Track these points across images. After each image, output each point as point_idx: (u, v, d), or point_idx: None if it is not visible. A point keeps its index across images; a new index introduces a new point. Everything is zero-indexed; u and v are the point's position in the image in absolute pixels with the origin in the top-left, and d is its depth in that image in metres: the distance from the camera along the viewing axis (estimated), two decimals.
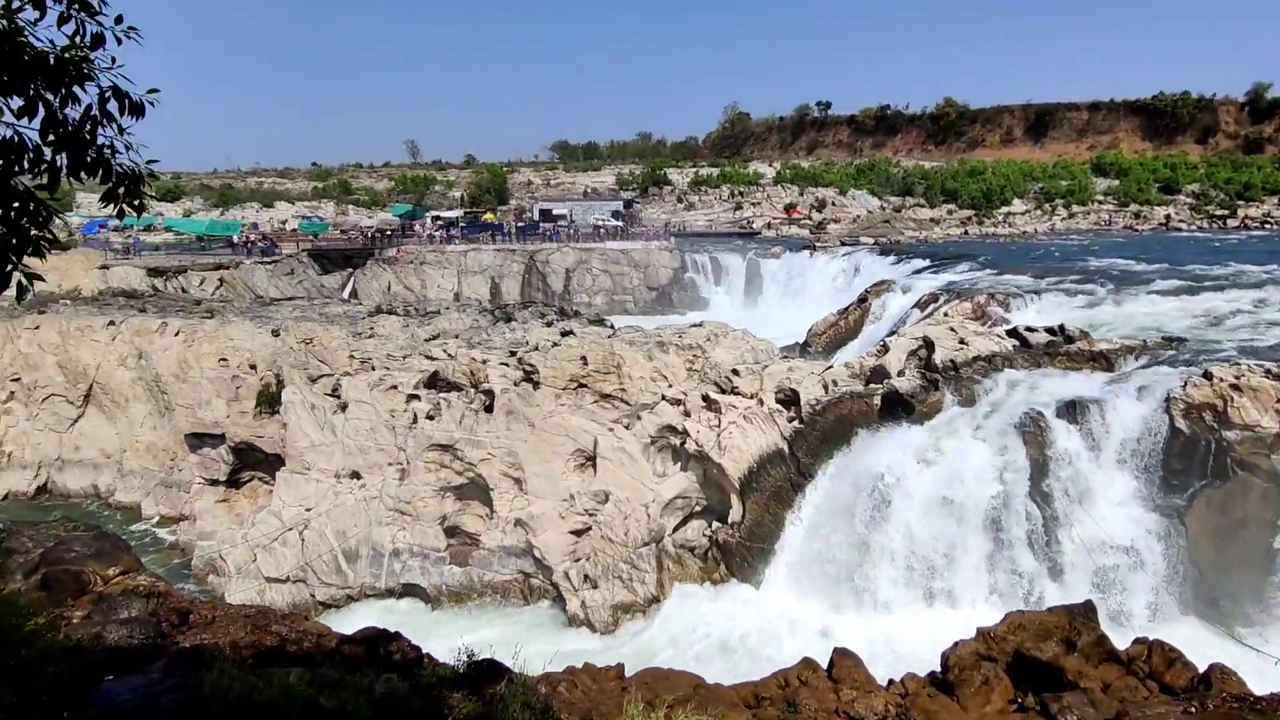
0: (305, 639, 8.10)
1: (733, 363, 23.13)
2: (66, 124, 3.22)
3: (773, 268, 48.89)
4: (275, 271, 45.86)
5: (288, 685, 6.09)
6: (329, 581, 20.18)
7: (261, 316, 29.86)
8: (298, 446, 21.89)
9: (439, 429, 21.64)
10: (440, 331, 27.76)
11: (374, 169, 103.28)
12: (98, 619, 7.42)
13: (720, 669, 13.97)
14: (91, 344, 27.67)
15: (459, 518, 21.49)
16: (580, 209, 69.92)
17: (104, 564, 9.52)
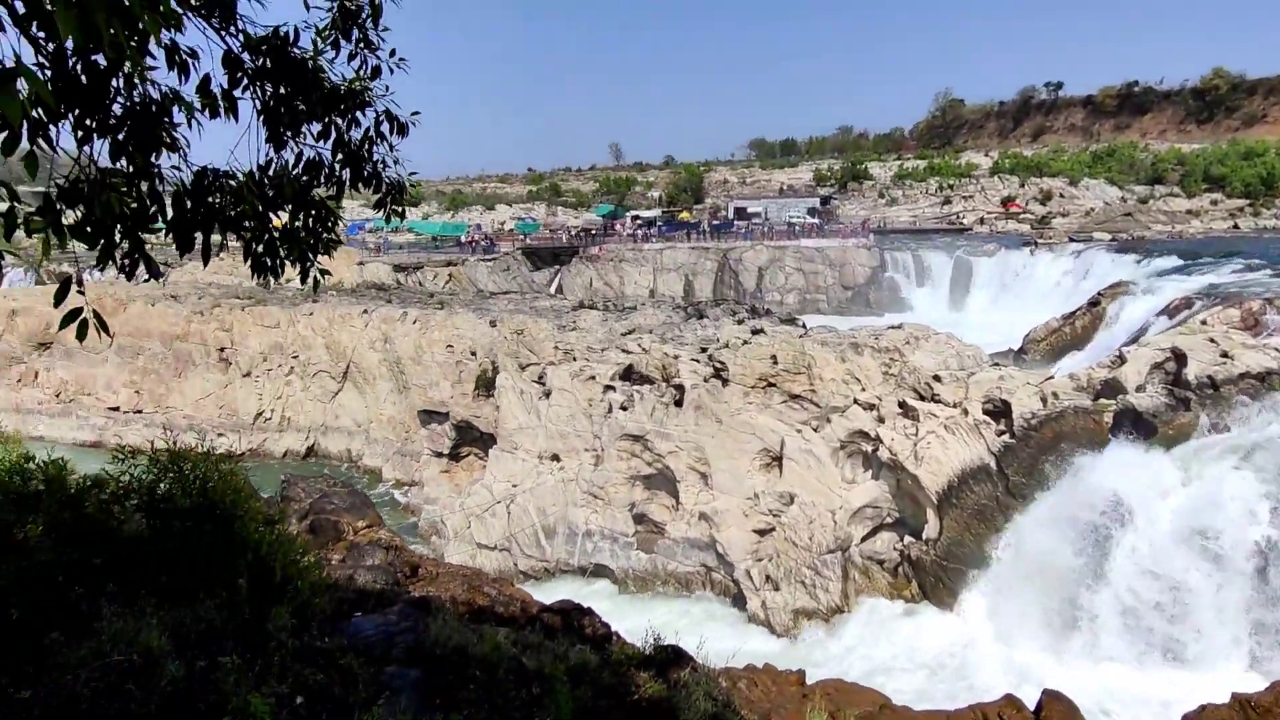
0: (511, 603, 8.92)
1: (934, 368, 21.64)
2: (350, 144, 3.84)
3: (984, 267, 44.87)
4: (494, 268, 50.42)
5: (497, 642, 6.74)
6: (530, 554, 21.90)
7: (482, 308, 33.00)
8: (508, 428, 23.96)
9: (631, 420, 22.56)
10: (636, 326, 28.88)
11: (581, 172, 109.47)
12: (350, 563, 8.75)
13: (906, 691, 13.21)
14: (350, 329, 32.33)
15: (647, 506, 22.27)
16: (775, 207, 69.03)
17: (355, 517, 11.19)
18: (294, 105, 3.59)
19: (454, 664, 6.35)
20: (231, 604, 5.64)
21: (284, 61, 3.44)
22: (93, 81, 2.62)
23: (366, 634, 6.76)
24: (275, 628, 5.47)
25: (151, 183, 2.79)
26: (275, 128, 3.59)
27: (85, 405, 34.75)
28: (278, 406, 33.01)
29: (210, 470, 6.05)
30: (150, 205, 2.79)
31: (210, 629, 5.24)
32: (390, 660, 6.21)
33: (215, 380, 33.61)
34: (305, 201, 3.68)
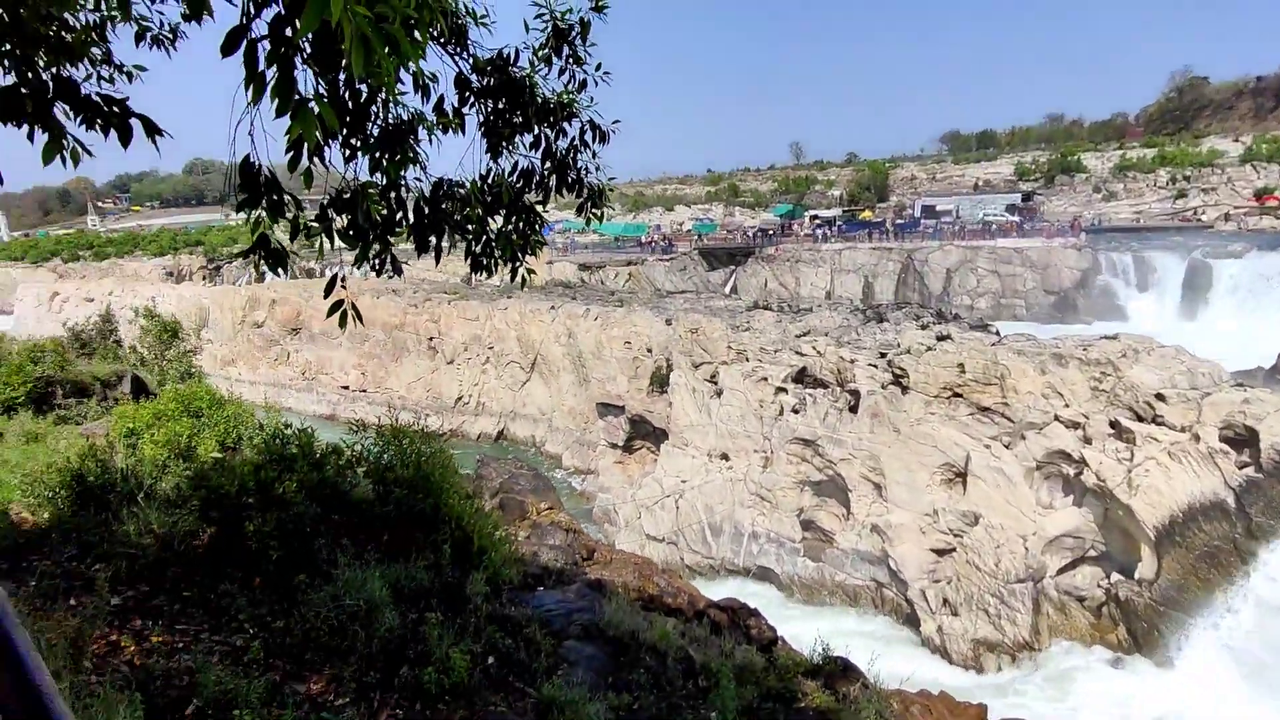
0: (679, 595, 9.12)
1: (1157, 385, 19.01)
2: (556, 153, 4.15)
3: (1229, 270, 38.51)
4: (671, 267, 51.48)
5: (666, 631, 6.94)
6: (696, 549, 22.18)
7: (659, 307, 33.88)
8: (679, 424, 24.42)
9: (803, 423, 22.08)
10: (811, 328, 28.19)
11: (759, 172, 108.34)
12: (534, 541, 9.41)
13: None
14: (539, 324, 34.62)
15: (815, 513, 21.70)
16: (968, 204, 64.00)
17: (538, 499, 12.00)
18: (511, 119, 3.94)
19: (626, 646, 6.62)
20: (437, 566, 6.32)
21: (505, 80, 3.80)
22: (358, 106, 3.08)
23: (548, 608, 7.23)
24: (472, 592, 6.05)
25: (399, 192, 3.21)
26: (494, 140, 3.97)
27: (323, 383, 40.32)
28: (474, 392, 36.18)
29: (424, 446, 6.81)
30: (397, 212, 3.22)
31: (419, 587, 5.90)
32: (568, 635, 6.61)
33: (424, 366, 37.52)
34: (518, 206, 4.04)
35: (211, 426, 7.09)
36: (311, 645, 4.91)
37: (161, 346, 10.99)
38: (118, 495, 5.74)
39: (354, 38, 1.72)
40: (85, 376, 8.75)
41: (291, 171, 2.72)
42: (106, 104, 2.60)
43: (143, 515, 5.51)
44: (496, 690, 5.24)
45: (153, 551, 5.37)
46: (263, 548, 5.44)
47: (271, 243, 2.82)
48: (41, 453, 6.35)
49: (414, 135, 3.17)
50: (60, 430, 7.36)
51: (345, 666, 4.81)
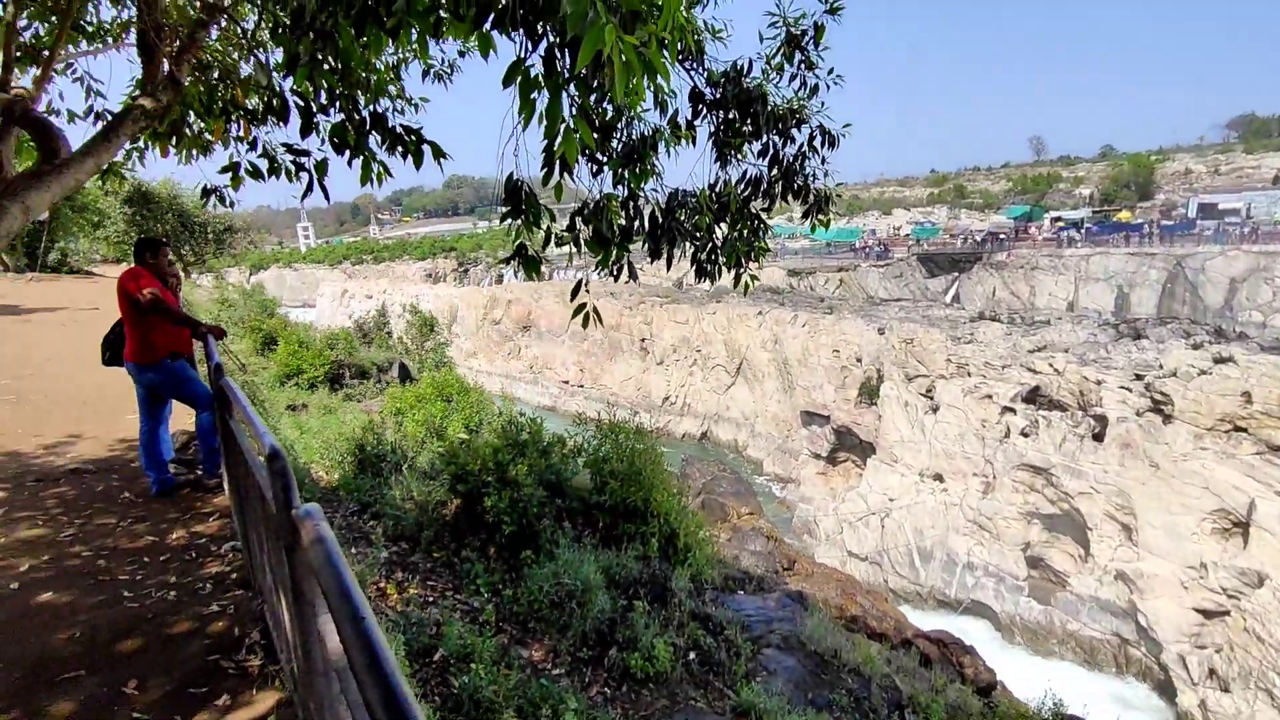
0: (884, 619, 8.66)
1: None
2: (783, 160, 4.16)
3: None
4: (886, 274, 48.89)
5: (870, 655, 6.65)
6: (902, 573, 20.88)
7: (871, 315, 32.38)
8: (888, 439, 23.13)
9: (1033, 448, 19.87)
10: (1047, 343, 25.24)
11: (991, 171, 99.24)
12: (735, 545, 9.47)
13: None
14: (745, 328, 34.72)
15: (1045, 549, 19.42)
16: (1265, 200, 53.28)
17: (739, 503, 12.04)
18: (740, 128, 4.03)
19: (826, 663, 6.45)
20: (645, 557, 6.61)
21: (737, 90, 3.89)
22: (604, 124, 3.33)
23: (748, 613, 7.25)
24: (677, 587, 6.24)
25: (637, 203, 3.43)
26: (723, 150, 4.08)
27: (547, 377, 43.85)
28: (681, 393, 37.18)
29: (638, 442, 7.15)
30: (634, 220, 3.44)
31: (629, 575, 6.21)
32: (767, 643, 6.57)
33: (636, 365, 39.30)
34: (744, 214, 4.11)
35: (459, 411, 8.03)
36: (534, 616, 5.39)
37: (421, 338, 12.72)
38: (388, 464, 6.71)
39: (620, 66, 1.88)
40: (365, 362, 10.38)
41: (545, 185, 3.03)
42: (407, 133, 3.08)
43: (406, 483, 6.40)
44: (697, 686, 5.37)
45: (412, 515, 6.21)
46: (497, 522, 6.06)
47: (529, 250, 3.15)
48: (333, 424, 7.62)
49: (654, 149, 3.36)
50: (346, 406, 8.80)
51: (562, 640, 5.21)
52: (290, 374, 9.70)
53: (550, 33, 2.35)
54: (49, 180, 2.51)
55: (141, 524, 4.62)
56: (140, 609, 3.52)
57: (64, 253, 23.51)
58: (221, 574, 3.92)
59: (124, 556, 4.11)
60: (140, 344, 4.88)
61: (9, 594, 3.64)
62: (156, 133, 4.00)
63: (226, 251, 19.67)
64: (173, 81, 3.27)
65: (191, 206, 19.03)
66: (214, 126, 3.88)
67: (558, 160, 2.86)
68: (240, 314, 14.17)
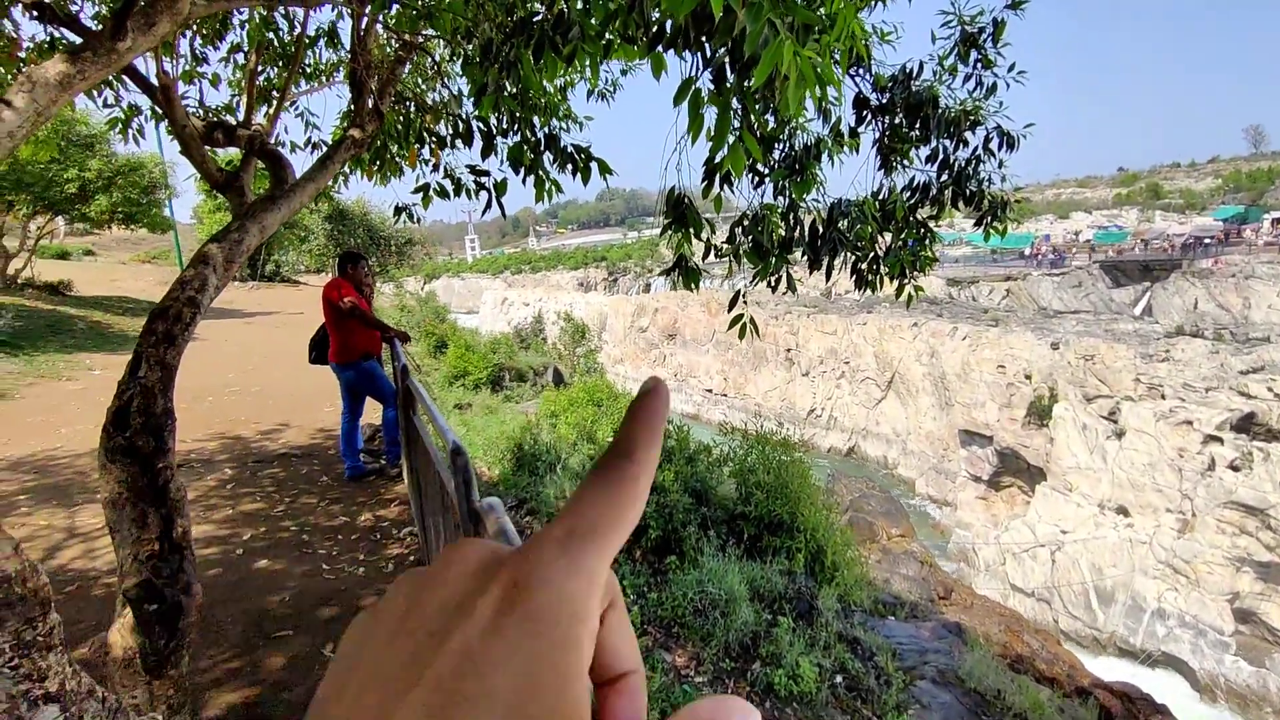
0: (1056, 663, 7.91)
1: None
2: (954, 165, 3.94)
3: None
4: (1062, 284, 44.63)
5: (1039, 700, 6.11)
6: (1076, 614, 18.91)
7: (1043, 328, 29.69)
8: (1062, 464, 21.07)
9: (1245, 484, 17.30)
10: (1265, 364, 21.89)
11: (1195, 167, 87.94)
12: (885, 567, 9.03)
13: None
14: (898, 340, 33.06)
15: (1258, 602, 16.82)
16: None
17: (889, 523, 11.48)
18: (908, 134, 3.87)
19: (988, 704, 6.01)
20: (790, 573, 6.48)
21: (906, 94, 3.75)
22: (765, 135, 3.33)
23: (899, 640, 6.90)
24: (824, 606, 6.07)
25: (797, 213, 3.40)
26: (888, 156, 3.94)
27: (690, 385, 44.18)
28: (827, 406, 36.04)
29: (785, 454, 7.04)
30: (794, 231, 3.41)
31: (773, 590, 6.12)
32: (921, 675, 6.22)
33: (780, 376, 38.61)
34: (909, 222, 3.95)
35: (608, 415, 8.30)
36: (678, 622, 5.45)
37: (573, 344, 13.28)
38: (543, 464, 7.07)
39: (794, 80, 1.89)
40: (523, 365, 11.02)
41: (705, 197, 3.08)
42: (577, 151, 3.25)
43: (559, 482, 6.70)
44: (843, 711, 5.20)
45: None
46: (643, 526, 6.20)
47: (689, 262, 3.21)
48: (495, 423, 8.14)
49: (817, 159, 3.32)
50: (506, 407, 9.38)
51: (705, 648, 5.23)
52: (457, 375, 10.49)
53: (723, 51, 2.40)
54: (280, 203, 2.89)
55: (336, 505, 5.19)
56: (336, 580, 3.96)
57: (277, 264, 26.91)
58: (401, 555, 4.31)
59: (323, 533, 4.63)
60: (341, 345, 5.50)
61: (236, 559, 4.23)
62: (359, 159, 4.50)
63: (406, 262, 21.62)
64: (376, 113, 3.66)
65: (378, 221, 21.10)
66: (409, 152, 4.31)
67: (719, 173, 2.90)
68: (416, 319, 15.51)
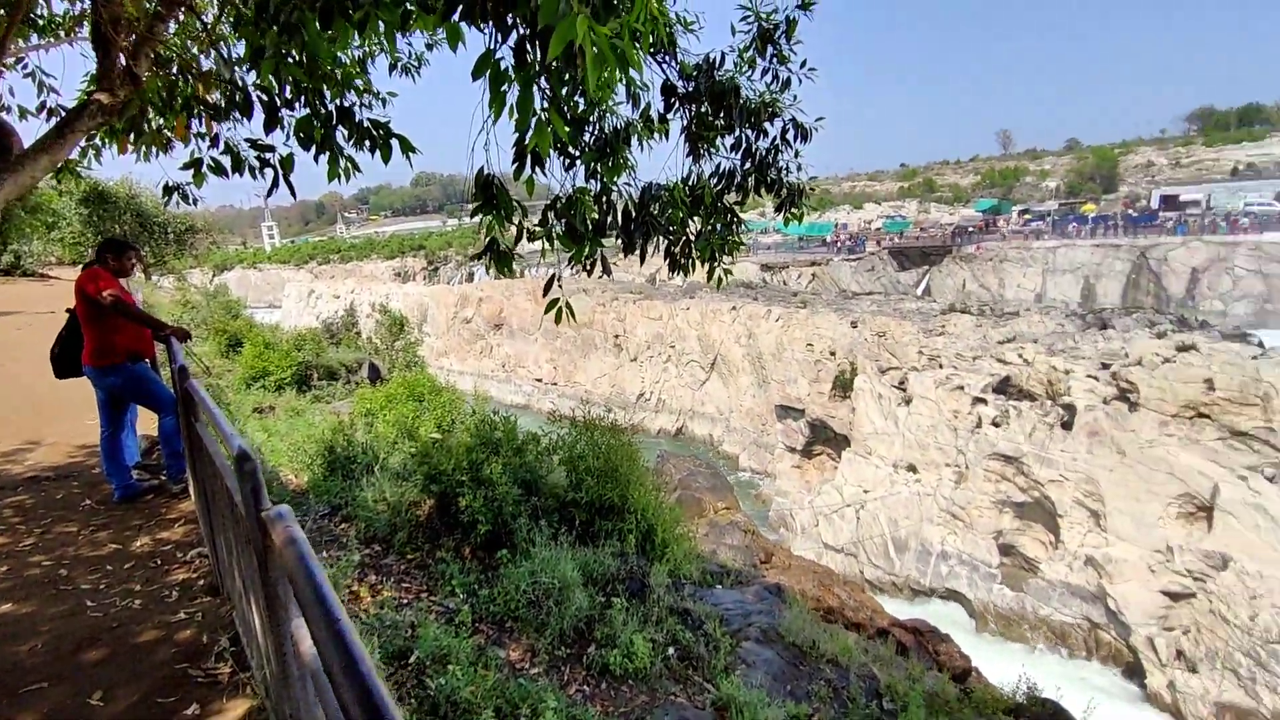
0: (861, 610, 8.75)
1: None
2: (756, 154, 4.15)
3: None
4: (858, 268, 49.40)
5: (848, 645, 6.70)
6: (877, 564, 21.13)
7: (844, 309, 32.68)
8: (862, 431, 23.39)
9: (1004, 438, 20.23)
10: (1016, 334, 25.71)
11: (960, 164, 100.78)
12: (713, 538, 9.50)
13: None
14: (719, 324, 34.84)
15: (1016, 537, 19.79)
16: (1223, 192, 54.85)
17: (715, 498, 12.08)
18: (714, 122, 4.01)
19: (804, 655, 6.49)
20: (622, 554, 6.59)
21: (710, 84, 3.88)
22: (576, 117, 3.29)
23: (726, 606, 7.27)
24: (655, 583, 6.24)
25: (610, 197, 3.40)
26: (696, 143, 4.06)
27: (519, 375, 43.59)
28: (655, 389, 37.21)
29: (613, 439, 7.13)
30: (608, 215, 3.41)
31: (606, 572, 6.19)
32: (746, 636, 6.60)
33: (610, 362, 39.23)
34: (717, 208, 4.10)
35: (431, 410, 7.94)
36: (511, 616, 5.34)
37: (391, 338, 12.57)
38: (359, 466, 6.61)
39: (593, 57, 1.85)
40: (334, 362, 10.23)
41: (516, 180, 2.98)
42: (375, 128, 3.01)
43: (378, 485, 6.31)
44: (676, 681, 5.37)
45: (384, 517, 6.13)
46: (472, 522, 6.00)
47: (500, 246, 3.10)
48: (302, 426, 7.49)
49: (627, 143, 3.33)
50: (315, 408, 8.66)
51: (540, 639, 5.17)
52: (256, 376, 9.52)
53: (521, 24, 2.31)
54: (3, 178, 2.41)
55: (104, 531, 4.50)
56: (104, 618, 3.42)
57: (17, 255, 22.83)
58: (189, 581, 3.82)
59: (86, 565, 3.99)
60: (99, 345, 4.74)
61: None
62: (114, 129, 3.88)
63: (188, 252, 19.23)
64: (130, 76, 3.16)
65: (151, 206, 18.56)
66: (174, 122, 3.78)
67: (529, 154, 2.82)
68: (204, 316, 13.86)
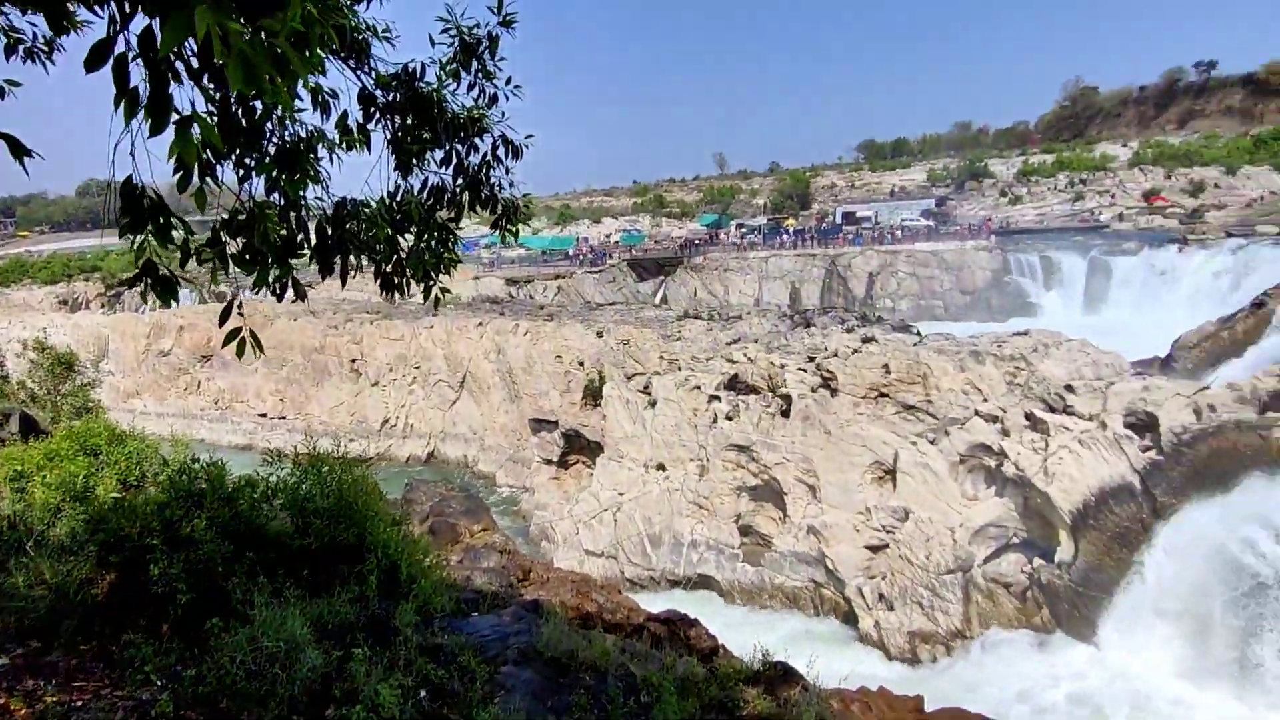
0: (619, 611, 9.04)
1: (1066, 377, 20.15)
2: (469, 169, 4.07)
3: (1125, 267, 41.33)
4: (601, 279, 51.52)
5: (606, 649, 6.84)
6: (636, 562, 22.11)
7: (589, 320, 33.78)
8: (614, 436, 24.36)
9: (737, 430, 22.37)
10: (741, 335, 28.65)
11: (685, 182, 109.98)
12: (467, 564, 9.17)
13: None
14: (467, 340, 33.98)
15: (753, 518, 21.98)
16: (886, 209, 66.61)
17: (471, 521, 11.71)
18: (420, 135, 3.84)
19: (564, 667, 6.50)
20: (363, 598, 6.06)
21: (412, 95, 3.70)
22: (251, 124, 2.93)
23: (483, 634, 7.04)
24: (402, 624, 5.82)
25: (299, 213, 3.07)
26: (403, 157, 3.86)
27: (238, 411, 38.40)
28: (401, 414, 35.15)
29: (345, 474, 6.54)
30: (298, 233, 3.08)
31: (344, 622, 5.64)
32: (505, 660, 6.44)
33: (347, 389, 36.24)
34: (429, 224, 3.93)
35: (111, 465, 6.63)
36: (227, 693, 4.62)
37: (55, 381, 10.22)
38: (4, 545, 5.29)
39: (235, 54, 1.63)
40: None
41: (181, 192, 2.56)
42: None
43: (33, 565, 5.09)
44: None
45: (45, 604, 4.97)
46: (169, 592, 5.11)
47: (160, 269, 2.64)
48: None
49: (313, 153, 3.04)
50: None
51: (265, 712, 4.55)
52: None
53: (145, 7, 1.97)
54: None
55: None
56: None
57: None
58: None
59: None
60: None
61: None
62: None
63: None
64: None
65: None
66: None
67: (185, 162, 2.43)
68: None
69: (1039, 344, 22.18)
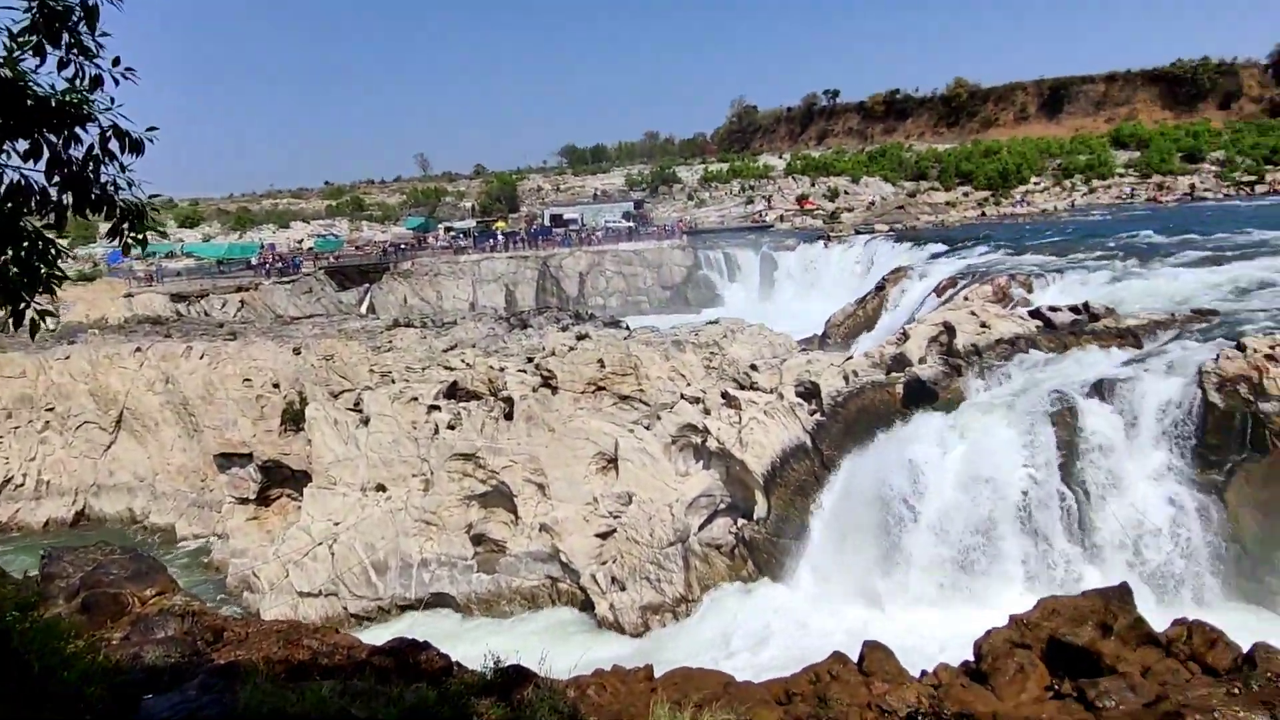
0: (337, 652, 8.20)
1: (750, 358, 23.06)
2: (70, 164, 3.30)
3: (787, 260, 48.70)
4: (294, 290, 46.53)
5: (321, 697, 6.16)
6: (360, 594, 20.43)
7: (282, 336, 30.29)
8: (323, 462, 22.19)
9: (460, 438, 21.81)
10: (457, 341, 27.98)
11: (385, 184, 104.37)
12: (136, 639, 7.59)
13: (753, 667, 13.92)
14: (120, 371, 28.27)
15: (485, 525, 21.63)
16: (590, 212, 70.07)
17: (141, 586, 9.73)
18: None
19: None
20: None
21: None
22: None
23: (160, 716, 5.94)
24: None
25: None
26: None
27: None
28: (31, 469, 28.08)
29: None
30: None
31: None
32: None
33: None
34: (14, 233, 3.12)
35: None
36: None
37: None
38: None
39: None
40: None
41: None
42: None
43: None
44: None
45: None
46: None
47: None
48: None
49: None
50: None
51: None
52: None
53: None
54: None
55: None
56: None
57: None
58: None
59: None
60: None
61: None
62: None
63: None
64: None
65: None
66: None
67: None
68: None
69: (728, 330, 25.06)
